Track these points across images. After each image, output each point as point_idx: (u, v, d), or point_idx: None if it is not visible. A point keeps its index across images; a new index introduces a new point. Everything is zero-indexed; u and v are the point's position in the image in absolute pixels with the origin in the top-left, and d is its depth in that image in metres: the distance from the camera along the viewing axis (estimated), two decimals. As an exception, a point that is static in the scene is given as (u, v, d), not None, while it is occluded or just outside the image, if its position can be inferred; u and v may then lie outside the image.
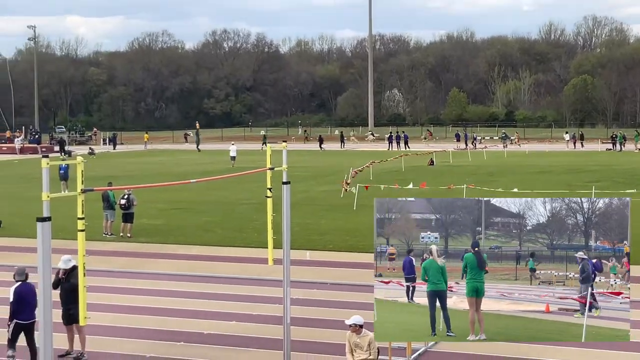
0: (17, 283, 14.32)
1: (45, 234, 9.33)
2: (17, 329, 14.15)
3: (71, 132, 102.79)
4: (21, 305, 14.11)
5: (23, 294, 14.15)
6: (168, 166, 60.63)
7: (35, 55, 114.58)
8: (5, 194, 41.30)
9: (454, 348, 14.91)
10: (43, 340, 9.38)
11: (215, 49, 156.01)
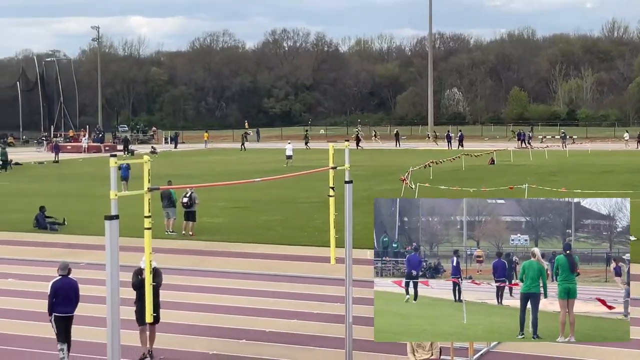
0: (57, 277, 14.74)
1: (112, 232, 9.47)
2: (58, 321, 14.63)
3: (133, 131, 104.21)
4: (57, 299, 14.59)
5: (58, 288, 14.65)
6: (228, 165, 61.08)
7: (99, 56, 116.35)
8: (70, 192, 42.05)
9: (515, 349, 14.78)
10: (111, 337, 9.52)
11: (275, 48, 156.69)
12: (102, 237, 9.84)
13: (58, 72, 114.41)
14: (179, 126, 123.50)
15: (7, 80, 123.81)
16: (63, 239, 27.75)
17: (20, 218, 32.14)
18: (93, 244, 25.74)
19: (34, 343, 15.70)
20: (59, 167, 61.52)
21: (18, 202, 38.32)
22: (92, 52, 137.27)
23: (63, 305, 14.53)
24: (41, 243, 27.01)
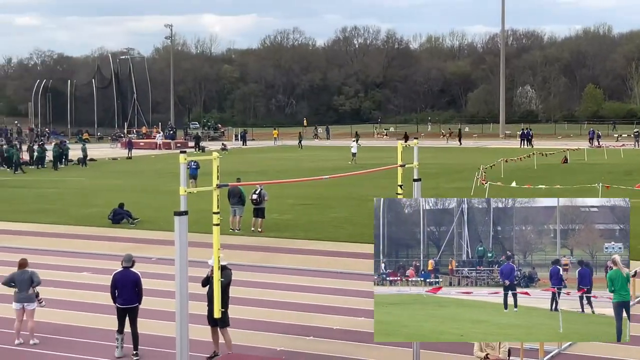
0: (118, 269, 15.12)
1: (182, 228, 9.59)
2: (118, 312, 15.10)
3: (204, 128, 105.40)
4: (116, 290, 15.05)
5: (117, 280, 15.12)
6: (297, 162, 61.32)
7: (172, 53, 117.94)
8: (141, 188, 42.74)
9: (586, 351, 14.54)
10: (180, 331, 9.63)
11: (345, 45, 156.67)
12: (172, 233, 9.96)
13: (132, 69, 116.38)
14: (249, 123, 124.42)
15: (83, 78, 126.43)
16: (135, 234, 28.23)
17: (96, 213, 32.81)
18: (163, 239, 26.14)
19: (105, 335, 15.99)
20: (132, 163, 62.57)
21: (93, 197, 39.12)
22: (165, 50, 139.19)
23: (122, 296, 14.95)
24: (114, 237, 27.52)
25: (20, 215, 33.01)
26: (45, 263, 22.60)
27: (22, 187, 44.02)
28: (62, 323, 17.22)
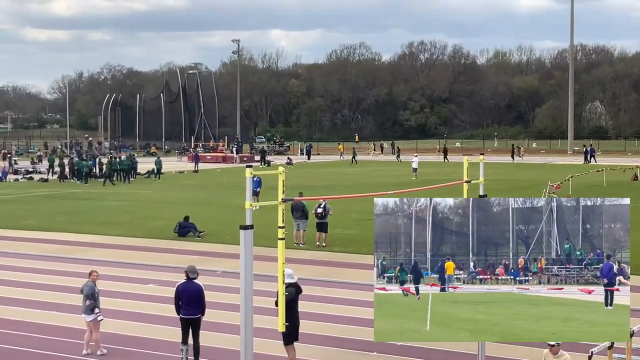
0: (182, 280, 15.24)
1: (247, 241, 9.64)
2: (182, 323, 15.24)
3: (270, 142, 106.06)
4: (179, 301, 15.19)
5: (180, 291, 15.27)
6: (362, 177, 61.27)
7: (239, 68, 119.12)
8: (207, 201, 43.13)
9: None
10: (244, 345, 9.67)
11: (411, 60, 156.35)
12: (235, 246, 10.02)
13: (199, 84, 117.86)
14: (315, 138, 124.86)
15: (151, 92, 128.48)
16: (200, 246, 28.48)
17: (162, 225, 33.22)
18: (228, 252, 26.31)
19: (171, 347, 16.13)
20: (198, 177, 63.24)
21: (160, 210, 39.61)
22: (232, 65, 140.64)
23: (185, 307, 15.06)
24: (180, 250, 27.81)
25: (89, 227, 33.60)
26: (113, 275, 22.94)
27: (91, 199, 44.83)
28: (128, 334, 17.44)
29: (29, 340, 17.07)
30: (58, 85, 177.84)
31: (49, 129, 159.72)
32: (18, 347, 16.63)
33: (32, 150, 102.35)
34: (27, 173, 63.47)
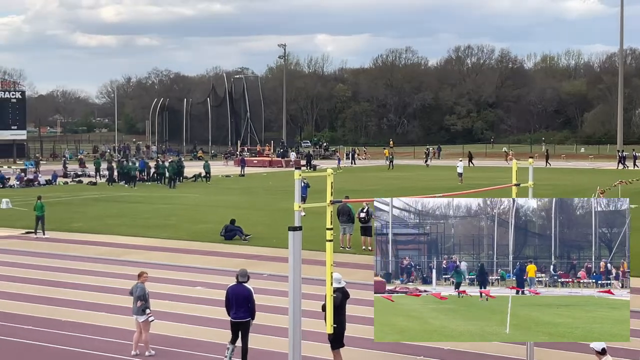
0: (232, 283, 15.30)
1: (296, 243, 9.64)
2: (231, 325, 15.33)
3: (316, 146, 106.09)
4: (228, 303, 15.27)
5: (230, 294, 15.33)
6: (407, 181, 61.04)
7: (285, 73, 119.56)
8: (253, 205, 43.29)
9: None
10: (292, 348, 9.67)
11: (458, 65, 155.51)
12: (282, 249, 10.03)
13: (245, 88, 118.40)
14: (360, 142, 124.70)
15: (198, 97, 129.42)
16: (247, 250, 28.58)
17: (209, 228, 33.42)
18: (275, 255, 26.38)
19: (217, 349, 16.21)
20: (244, 181, 63.52)
21: (206, 213, 39.86)
22: (278, 69, 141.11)
23: (235, 310, 15.12)
24: (227, 253, 27.95)
25: (137, 230, 33.94)
26: (161, 277, 23.13)
27: (139, 202, 45.26)
28: (176, 336, 17.56)
29: (78, 340, 17.28)
30: (106, 90, 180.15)
31: (97, 133, 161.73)
32: (68, 347, 16.85)
33: (81, 154, 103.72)
34: (77, 176, 64.29)
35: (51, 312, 19.78)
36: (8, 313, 19.68)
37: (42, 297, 21.47)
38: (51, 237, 32.15)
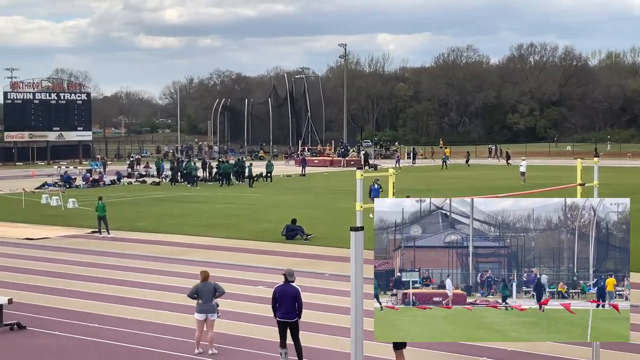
0: (280, 283, 15.26)
1: (358, 243, 9.61)
2: (279, 325, 15.30)
3: (377, 146, 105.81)
4: (276, 303, 15.21)
5: (276, 293, 15.26)
6: (468, 180, 60.55)
7: (345, 72, 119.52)
8: (314, 204, 43.37)
9: None
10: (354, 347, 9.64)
11: (520, 62, 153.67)
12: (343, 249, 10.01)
13: (306, 88, 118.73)
14: (421, 142, 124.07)
15: (259, 97, 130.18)
16: (308, 249, 28.64)
17: (270, 228, 33.58)
18: (336, 255, 26.37)
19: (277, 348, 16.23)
20: (305, 180, 63.67)
21: (267, 213, 40.05)
22: (338, 69, 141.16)
23: (281, 310, 15.09)
24: (288, 253, 28.05)
25: (199, 229, 34.27)
26: (222, 276, 23.28)
27: (201, 202, 45.68)
28: (238, 334, 17.67)
29: (143, 338, 17.49)
30: (169, 91, 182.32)
31: (160, 133, 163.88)
32: (132, 344, 17.06)
33: (144, 154, 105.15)
34: (141, 176, 65.18)
35: (116, 310, 20.07)
36: (74, 311, 20.03)
37: (107, 295, 21.80)
38: (116, 236, 32.65)
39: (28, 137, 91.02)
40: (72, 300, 21.23)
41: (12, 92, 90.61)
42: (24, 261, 27.42)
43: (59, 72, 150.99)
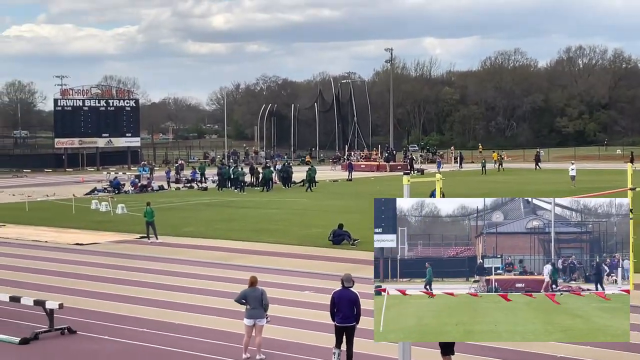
0: (338, 288, 15.26)
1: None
2: (336, 330, 15.32)
3: (423, 150, 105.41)
4: (334, 308, 15.22)
5: (336, 298, 15.28)
6: (515, 184, 60.07)
7: (391, 77, 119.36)
8: (360, 210, 43.30)
9: None
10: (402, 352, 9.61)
11: (569, 65, 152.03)
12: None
13: (352, 93, 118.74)
14: (468, 146, 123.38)
15: (305, 102, 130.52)
16: (355, 254, 28.61)
17: (316, 233, 33.63)
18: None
19: (324, 353, 16.22)
20: (352, 185, 63.64)
21: (314, 218, 40.11)
22: (385, 74, 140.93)
23: (339, 315, 15.10)
24: (335, 258, 28.06)
25: (246, 234, 34.42)
26: (269, 281, 23.35)
27: (247, 207, 45.90)
28: (285, 340, 17.70)
29: (192, 343, 17.60)
30: (216, 97, 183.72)
31: (207, 139, 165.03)
32: (182, 350, 17.17)
33: (192, 160, 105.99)
34: (188, 182, 65.67)
35: (165, 315, 20.22)
36: (123, 315, 20.23)
37: (156, 300, 21.99)
38: (164, 241, 32.93)
39: (78, 144, 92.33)
40: (122, 305, 21.45)
41: (62, 99, 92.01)
42: (74, 266, 27.80)
43: (108, 79, 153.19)
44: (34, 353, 17.20)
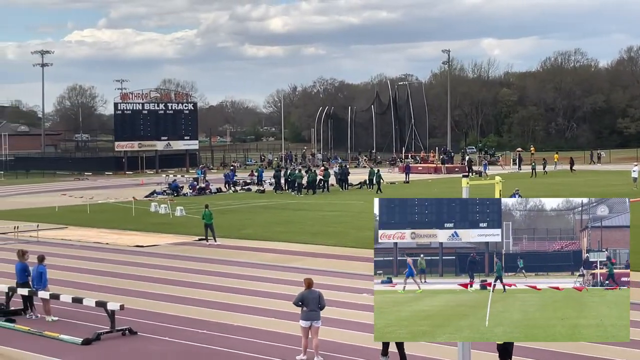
0: None
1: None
2: None
3: (481, 152, 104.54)
4: None
5: None
6: (574, 186, 59.24)
7: (449, 78, 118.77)
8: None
9: None
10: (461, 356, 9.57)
11: (630, 66, 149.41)
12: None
13: (409, 95, 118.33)
14: (527, 148, 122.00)
15: (362, 104, 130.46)
16: (412, 257, 28.45)
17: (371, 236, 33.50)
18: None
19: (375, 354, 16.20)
20: (409, 187, 63.41)
21: (372, 220, 39.94)
22: (442, 75, 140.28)
23: None
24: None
25: (304, 237, 34.52)
26: (327, 283, 23.38)
27: (305, 210, 46.02)
28: (342, 342, 17.70)
29: (251, 345, 17.70)
30: (273, 99, 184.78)
31: (264, 141, 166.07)
32: (241, 351, 17.28)
33: (249, 162, 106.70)
34: (246, 184, 66.10)
35: (224, 317, 20.38)
36: (183, 317, 20.44)
37: (215, 302, 22.17)
38: (222, 243, 33.20)
39: (137, 147, 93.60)
40: (181, 306, 21.67)
41: (122, 103, 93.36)
42: (134, 268, 28.19)
43: (167, 82, 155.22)
44: (96, 353, 17.47)
